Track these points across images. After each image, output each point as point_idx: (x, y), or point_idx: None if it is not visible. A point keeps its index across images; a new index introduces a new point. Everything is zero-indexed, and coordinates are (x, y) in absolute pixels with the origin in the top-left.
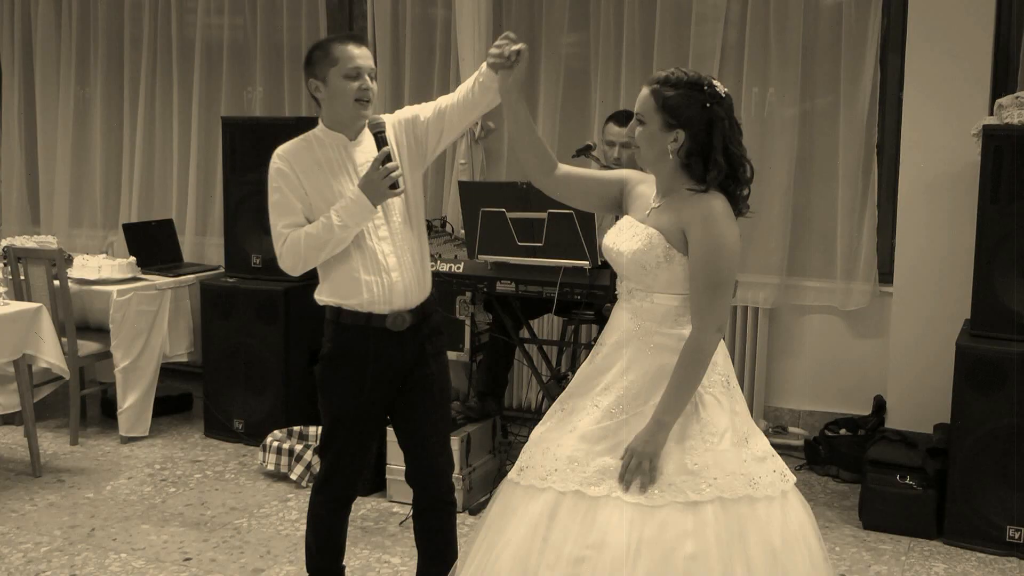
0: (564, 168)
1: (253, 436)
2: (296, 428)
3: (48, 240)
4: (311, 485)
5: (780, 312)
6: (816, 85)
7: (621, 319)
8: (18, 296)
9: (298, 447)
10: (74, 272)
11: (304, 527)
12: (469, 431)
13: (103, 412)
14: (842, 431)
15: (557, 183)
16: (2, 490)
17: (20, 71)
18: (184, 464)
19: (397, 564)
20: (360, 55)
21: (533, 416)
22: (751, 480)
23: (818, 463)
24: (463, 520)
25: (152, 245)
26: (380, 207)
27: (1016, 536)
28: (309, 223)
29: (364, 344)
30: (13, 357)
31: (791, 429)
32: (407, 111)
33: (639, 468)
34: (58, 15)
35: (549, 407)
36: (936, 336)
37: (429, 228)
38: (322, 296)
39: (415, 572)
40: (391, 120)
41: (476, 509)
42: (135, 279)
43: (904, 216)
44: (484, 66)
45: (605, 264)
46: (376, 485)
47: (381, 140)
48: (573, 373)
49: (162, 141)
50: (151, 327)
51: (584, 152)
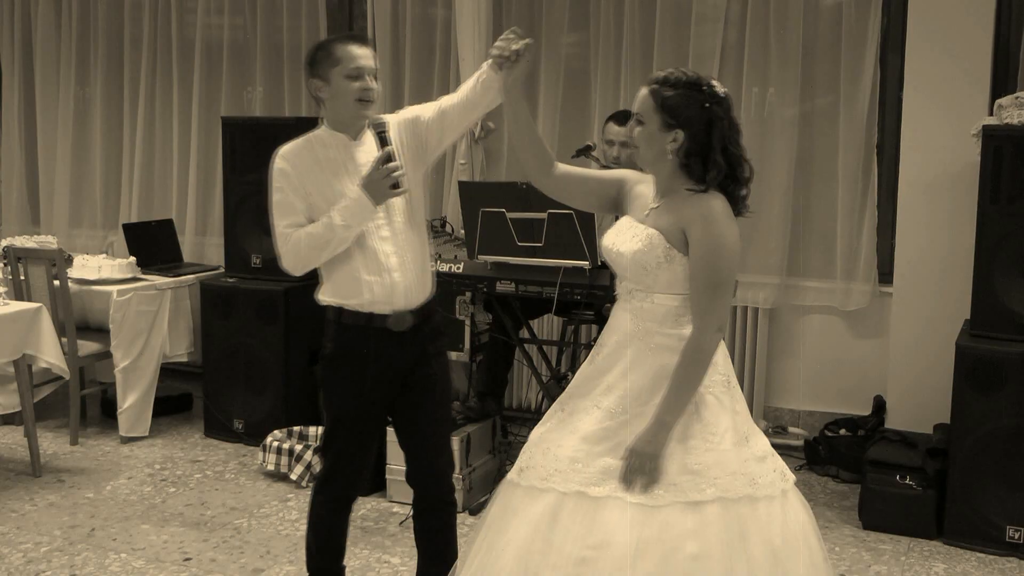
0: (562, 168)
1: (253, 436)
2: (296, 428)
3: (48, 240)
4: (311, 485)
5: (780, 312)
6: (816, 85)
7: (621, 320)
8: (18, 296)
9: (298, 447)
10: (74, 272)
11: (304, 527)
12: (469, 431)
13: (103, 412)
14: (842, 431)
15: (555, 182)
16: (2, 490)
17: (20, 71)
18: (184, 464)
19: (397, 564)
20: (362, 55)
21: (533, 416)
22: (752, 480)
23: (818, 463)
24: (463, 520)
25: (152, 245)
26: (382, 207)
27: (1016, 536)
28: (311, 223)
29: (365, 344)
30: (13, 357)
31: (791, 429)
32: (409, 111)
33: (641, 468)
34: (58, 15)
35: (549, 407)
36: (936, 336)
37: (429, 228)
38: (324, 296)
39: (415, 572)
40: (393, 120)
41: (476, 509)
42: (135, 279)
43: (904, 216)
44: (486, 65)
45: (605, 264)
46: (376, 485)
47: (383, 140)
48: (573, 373)
49: (162, 141)
50: (151, 327)
51: (584, 152)
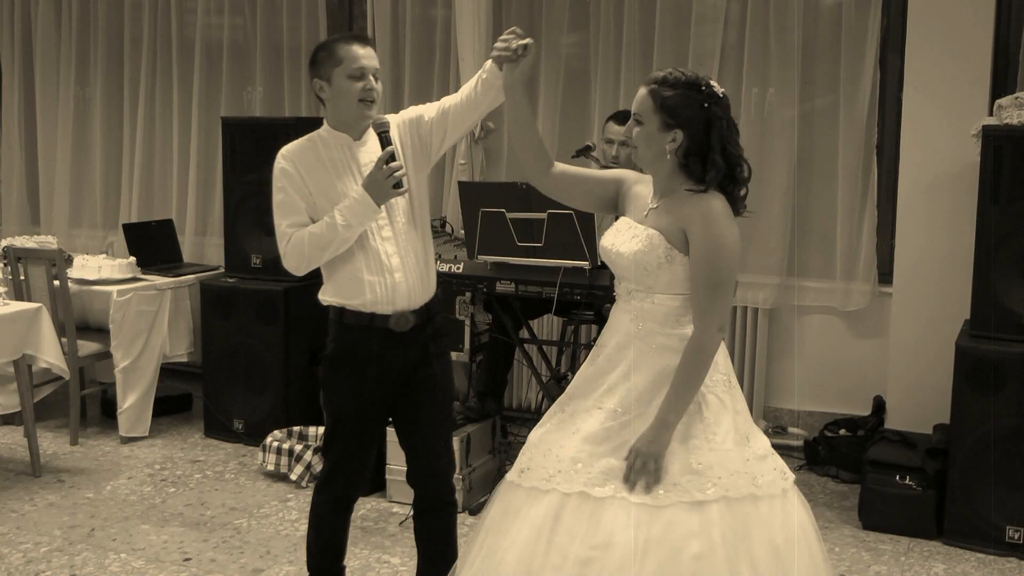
0: (561, 167)
1: (253, 436)
2: (296, 428)
3: (48, 240)
4: (311, 485)
5: (780, 312)
6: (816, 85)
7: (621, 320)
8: (18, 296)
9: (298, 447)
10: (74, 272)
11: (304, 527)
12: (469, 431)
13: (103, 412)
14: (842, 431)
15: (553, 181)
16: (2, 490)
17: (20, 71)
18: (184, 464)
19: (397, 564)
20: (365, 55)
21: (533, 416)
22: (754, 479)
23: (818, 463)
24: (463, 520)
25: (152, 245)
26: (384, 207)
27: (1016, 536)
28: (313, 223)
29: (367, 344)
30: (13, 357)
31: (791, 429)
32: (411, 111)
33: (644, 468)
34: (58, 15)
35: (549, 407)
36: (936, 336)
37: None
38: (326, 296)
39: (415, 572)
40: (395, 120)
41: (476, 509)
42: (135, 279)
43: (904, 216)
44: (488, 64)
45: (605, 264)
46: (376, 485)
47: (385, 140)
48: (573, 373)
49: (162, 141)
50: (151, 327)
51: (584, 152)
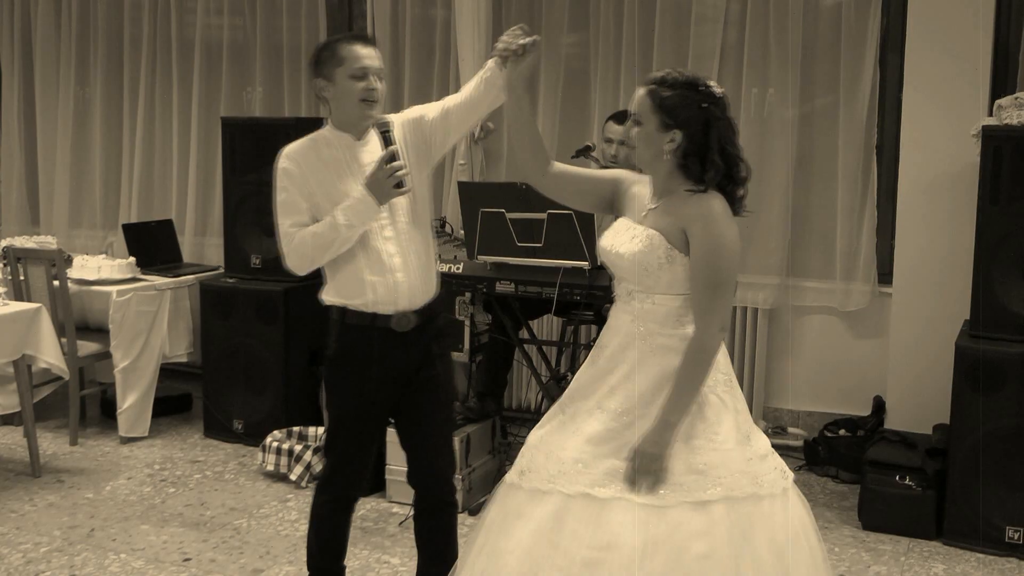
0: (558, 166)
1: (253, 436)
2: (296, 428)
3: (48, 240)
4: (311, 485)
5: (780, 312)
6: (816, 85)
7: (621, 321)
8: (18, 296)
9: (297, 447)
10: (74, 272)
11: (304, 527)
12: (469, 432)
13: (103, 412)
14: (841, 432)
15: (551, 181)
16: (2, 490)
17: (20, 71)
18: (184, 464)
19: (396, 564)
20: (367, 55)
21: (533, 416)
22: (756, 478)
23: (817, 464)
24: (463, 520)
25: (152, 245)
26: (386, 207)
27: (1015, 537)
28: (315, 223)
29: (369, 344)
30: (13, 357)
31: (790, 430)
32: (413, 111)
33: (647, 469)
34: (58, 15)
35: (548, 408)
36: (936, 337)
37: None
38: (327, 296)
39: (415, 572)
40: (397, 120)
41: (476, 509)
42: (135, 279)
43: (904, 217)
44: (490, 63)
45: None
46: (376, 485)
47: (387, 139)
48: (572, 374)
49: (162, 141)
50: (151, 327)
51: (584, 153)
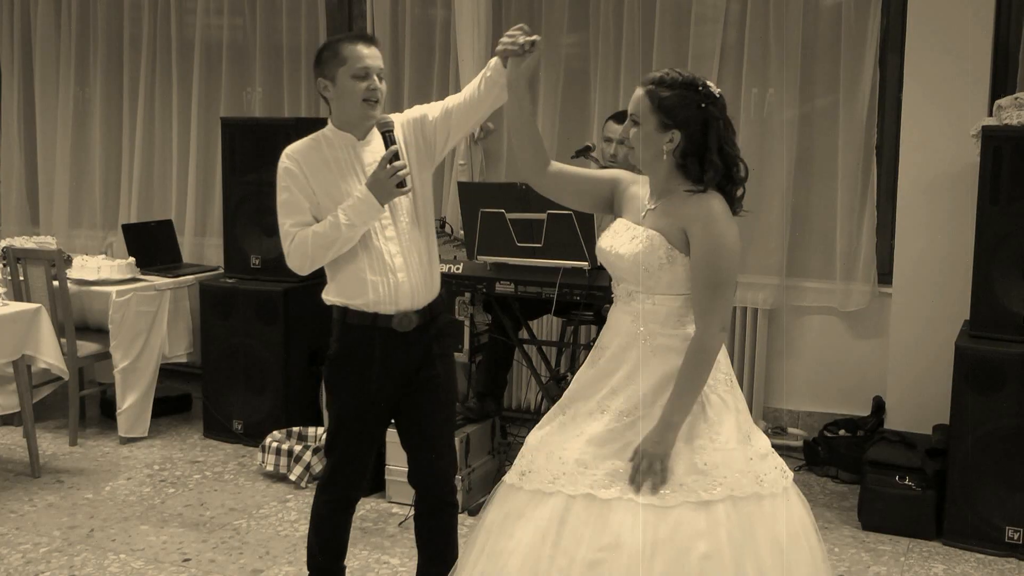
0: (557, 165)
1: (252, 437)
2: (295, 429)
3: (47, 241)
4: (310, 486)
5: (779, 313)
6: (815, 85)
7: (621, 322)
8: (17, 297)
9: (297, 448)
10: (73, 273)
11: (303, 527)
12: (468, 432)
13: (102, 413)
14: (841, 432)
15: (549, 180)
16: (1, 491)
17: (20, 71)
18: (183, 465)
19: (396, 565)
20: (369, 55)
21: (532, 417)
22: (757, 478)
23: (817, 464)
24: (462, 520)
25: (151, 246)
26: (387, 207)
27: (1015, 537)
28: (317, 222)
29: (370, 344)
30: (12, 358)
31: (790, 430)
32: (415, 111)
33: (650, 469)
34: (57, 15)
35: (548, 408)
36: (935, 337)
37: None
38: (329, 296)
39: (414, 573)
40: (400, 120)
41: (475, 510)
42: (134, 280)
43: (903, 217)
44: (492, 62)
45: None
46: (376, 485)
47: (389, 139)
48: (572, 374)
49: (161, 141)
50: (150, 328)
51: (583, 153)
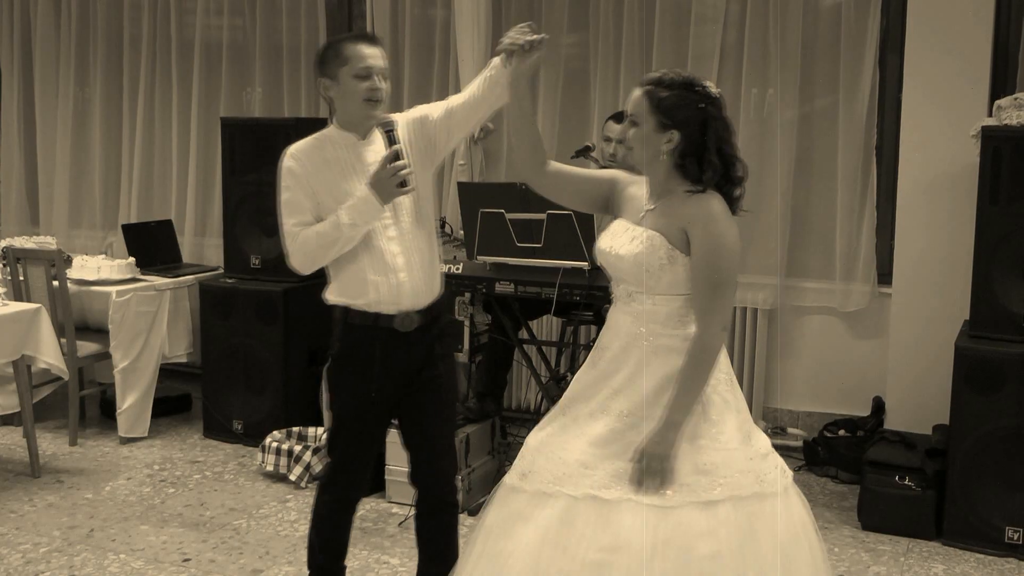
0: (555, 165)
1: (252, 437)
2: (295, 429)
3: (47, 241)
4: (310, 486)
5: (779, 313)
6: (815, 86)
7: (621, 322)
8: (17, 297)
9: (297, 448)
10: (73, 273)
11: (303, 527)
12: (468, 432)
13: (102, 413)
14: (841, 432)
15: (547, 179)
16: (1, 491)
17: (19, 71)
18: (183, 465)
19: (396, 565)
20: (371, 55)
21: (532, 417)
22: (760, 478)
23: (817, 464)
24: (462, 520)
25: (151, 246)
26: (389, 207)
27: (1015, 537)
28: (319, 222)
29: (372, 344)
30: (12, 358)
31: (790, 430)
32: (417, 110)
33: (653, 469)
34: (57, 15)
35: (548, 408)
36: (935, 337)
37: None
38: (331, 296)
39: (414, 573)
40: (401, 119)
41: (475, 510)
42: (134, 280)
43: (903, 217)
44: (495, 61)
45: None
46: (376, 486)
47: (391, 139)
48: (572, 374)
49: (161, 142)
50: (150, 328)
51: (583, 153)
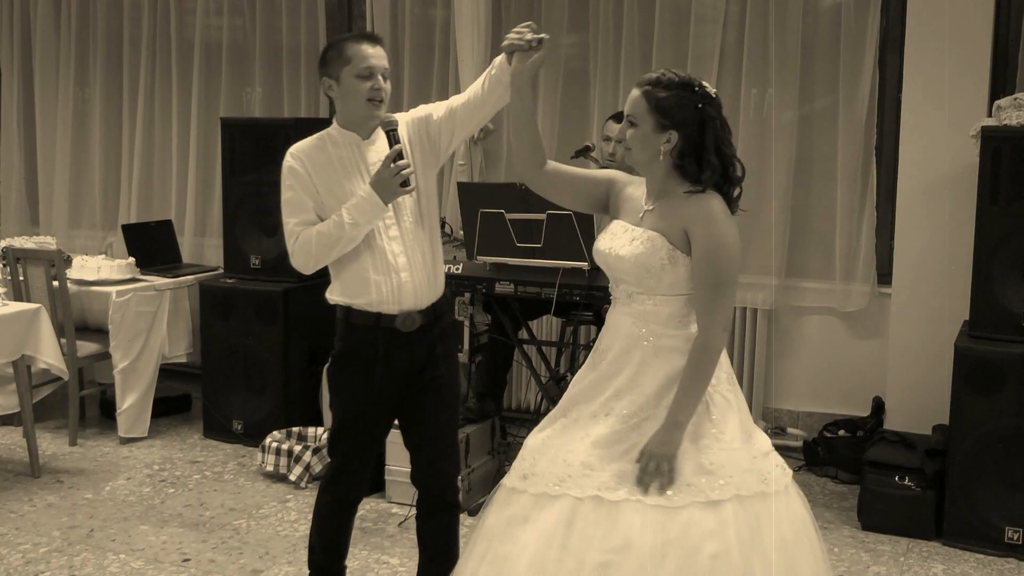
0: (553, 165)
1: (252, 437)
2: (295, 429)
3: (47, 241)
4: (310, 486)
5: (779, 313)
6: (815, 86)
7: (622, 323)
8: (17, 297)
9: (297, 448)
10: (73, 273)
11: (303, 527)
12: (468, 432)
13: (102, 413)
14: (841, 432)
15: (545, 178)
16: (1, 491)
17: (19, 71)
18: (183, 465)
19: (396, 565)
20: (374, 55)
21: (532, 417)
22: (762, 476)
23: (817, 464)
24: (462, 520)
25: (151, 246)
26: (391, 207)
27: (1015, 537)
28: (321, 221)
29: (373, 344)
30: (12, 358)
31: (790, 430)
32: (420, 110)
33: (657, 470)
34: (57, 15)
35: (548, 408)
36: (935, 337)
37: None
38: (333, 295)
39: (414, 573)
40: (404, 119)
41: (475, 510)
42: (134, 280)
43: (903, 217)
44: (497, 60)
45: None
46: (375, 486)
47: (393, 138)
48: (572, 374)
49: (161, 142)
50: (150, 328)
51: (583, 153)
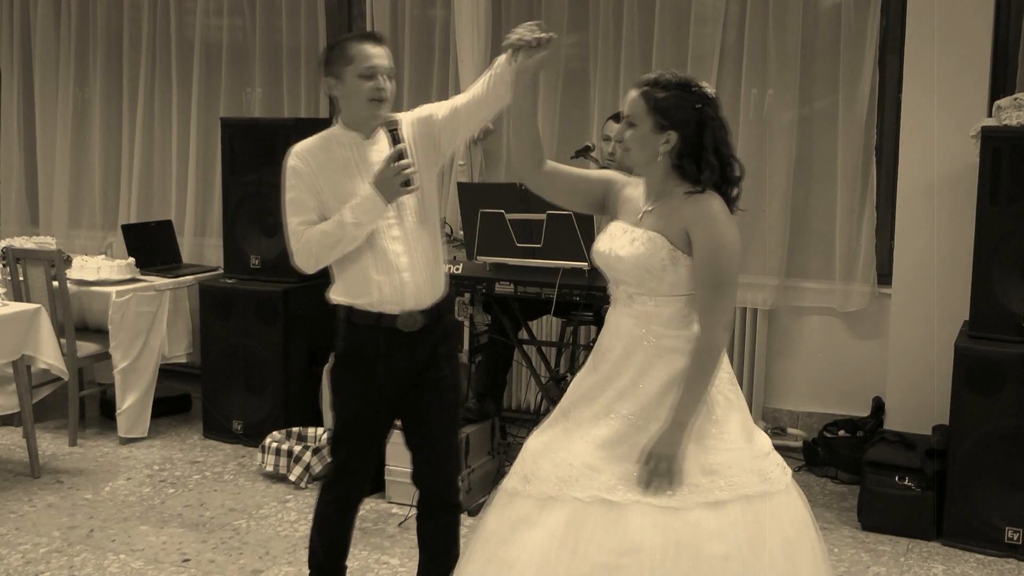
0: (551, 164)
1: (252, 437)
2: (295, 429)
3: (47, 241)
4: (310, 486)
5: (779, 313)
6: (815, 86)
7: (622, 324)
8: (17, 297)
9: (297, 448)
10: (73, 273)
11: (303, 528)
12: (468, 432)
13: (102, 413)
14: (841, 432)
15: (543, 178)
16: (1, 491)
17: (19, 72)
18: (183, 465)
19: (396, 565)
20: (376, 54)
21: (532, 417)
22: (765, 476)
23: (817, 464)
24: (462, 520)
25: (151, 246)
26: (393, 206)
27: (1015, 537)
28: (323, 221)
29: (375, 344)
30: (12, 358)
31: (790, 430)
32: (422, 110)
33: (661, 470)
34: (57, 16)
35: (548, 408)
36: (935, 337)
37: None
38: (334, 295)
39: (415, 573)
40: (406, 119)
41: (475, 510)
42: (134, 280)
43: (903, 217)
44: (500, 59)
45: None
46: (376, 486)
47: (395, 138)
48: (572, 374)
49: (161, 142)
50: (150, 328)
51: (583, 153)
